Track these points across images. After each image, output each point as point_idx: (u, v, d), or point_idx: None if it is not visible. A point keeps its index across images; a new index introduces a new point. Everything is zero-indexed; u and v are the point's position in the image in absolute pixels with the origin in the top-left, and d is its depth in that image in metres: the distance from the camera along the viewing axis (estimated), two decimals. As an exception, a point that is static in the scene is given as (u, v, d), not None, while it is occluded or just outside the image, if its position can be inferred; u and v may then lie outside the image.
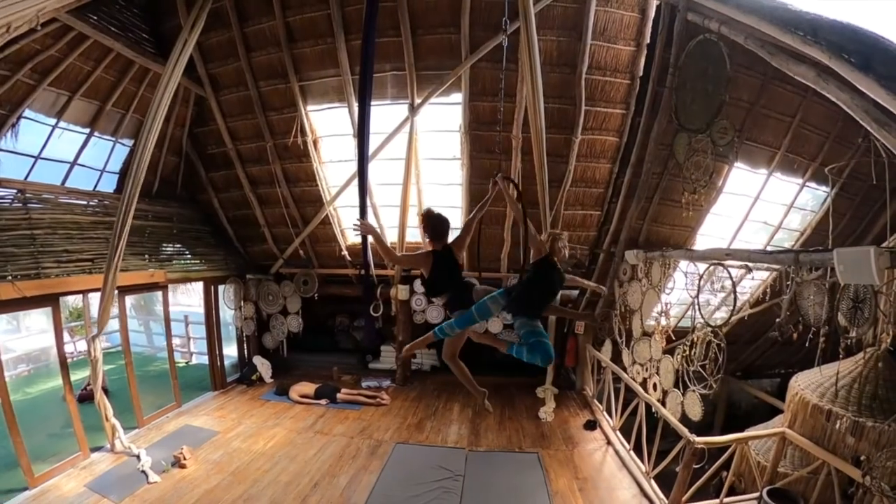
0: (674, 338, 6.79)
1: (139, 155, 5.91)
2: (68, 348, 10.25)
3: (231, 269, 9.87)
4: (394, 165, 7.83)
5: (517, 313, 3.94)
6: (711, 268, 5.68)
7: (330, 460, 6.60)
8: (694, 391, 5.77)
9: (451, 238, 4.15)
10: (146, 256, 8.07)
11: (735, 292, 5.28)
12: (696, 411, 5.76)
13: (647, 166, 6.99)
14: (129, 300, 12.16)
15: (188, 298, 12.31)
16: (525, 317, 3.91)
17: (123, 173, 7.87)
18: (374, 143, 6.95)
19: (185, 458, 6.36)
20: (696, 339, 5.87)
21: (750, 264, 5.15)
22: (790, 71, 4.06)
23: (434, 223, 4.04)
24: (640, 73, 6.72)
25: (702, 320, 5.71)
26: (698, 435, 5.17)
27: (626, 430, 7.07)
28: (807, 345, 4.43)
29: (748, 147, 7.09)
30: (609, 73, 6.77)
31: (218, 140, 8.51)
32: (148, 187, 8.44)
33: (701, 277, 5.76)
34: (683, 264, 6.47)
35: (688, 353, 5.93)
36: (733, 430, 7.46)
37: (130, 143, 7.75)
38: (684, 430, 5.28)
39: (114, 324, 7.55)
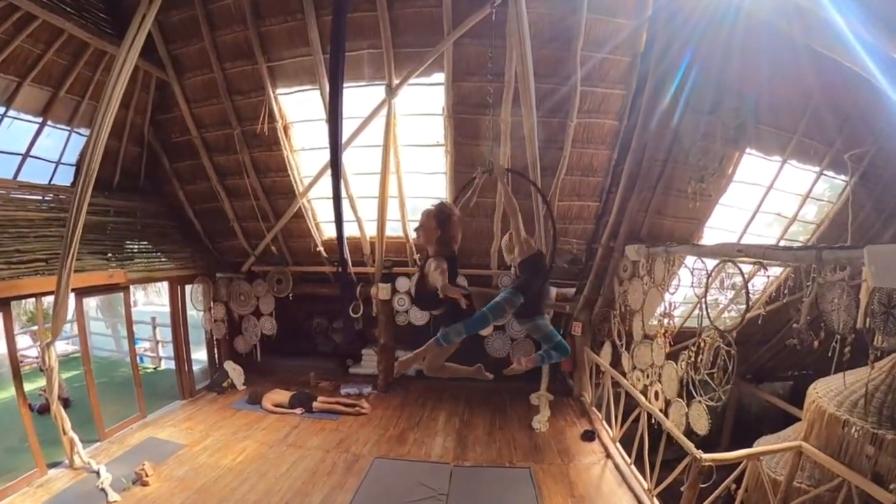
0: (673, 343, 6.67)
1: (94, 144, 5.70)
2: (31, 353, 10.20)
3: (199, 267, 9.71)
4: (371, 153, 7.72)
5: (526, 314, 3.92)
6: (721, 265, 5.46)
7: (303, 477, 6.41)
8: (700, 402, 5.54)
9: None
10: (107, 255, 7.89)
11: (748, 293, 4.99)
12: (702, 424, 5.52)
13: (650, 152, 6.84)
14: (95, 301, 11.99)
15: (161, 298, 12.24)
16: (532, 318, 3.92)
17: (79, 165, 7.67)
18: (348, 128, 6.93)
19: (146, 475, 6.17)
20: (702, 343, 5.66)
21: (765, 261, 4.89)
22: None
23: (451, 223, 3.73)
24: (642, 49, 6.50)
25: (710, 324, 5.51)
26: (705, 442, 5.03)
27: (627, 441, 6.89)
28: (831, 355, 4.15)
29: (761, 131, 6.91)
30: (607, 50, 6.55)
31: (182, 127, 8.39)
32: (108, 180, 8.34)
33: (709, 276, 5.54)
34: (690, 261, 6.31)
35: (693, 359, 5.72)
36: (743, 436, 7.33)
37: (87, 132, 7.52)
38: (690, 446, 5.03)
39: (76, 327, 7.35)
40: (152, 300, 14.06)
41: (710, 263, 5.73)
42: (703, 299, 5.63)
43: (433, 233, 3.72)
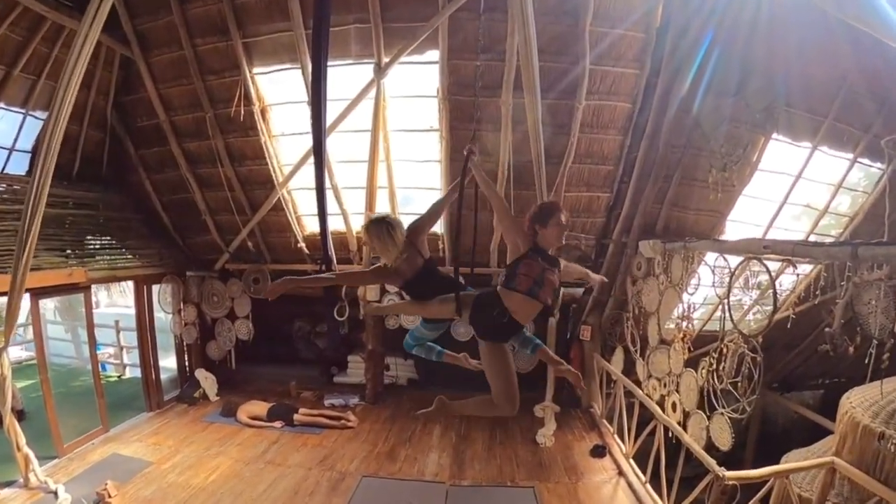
0: (693, 349, 6.65)
1: (52, 128, 5.58)
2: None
3: (168, 265, 9.65)
4: (358, 139, 7.68)
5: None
6: (746, 262, 5.44)
7: (282, 497, 6.39)
8: (723, 414, 5.52)
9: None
10: (65, 252, 7.84)
11: (776, 293, 4.96)
12: (724, 439, 5.51)
13: (666, 138, 6.83)
14: (52, 303, 11.89)
15: (125, 299, 12.16)
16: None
17: (36, 151, 7.49)
18: (333, 111, 6.76)
19: (109, 496, 6.11)
20: (725, 349, 5.65)
21: (795, 259, 4.84)
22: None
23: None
24: (658, 24, 6.50)
25: (733, 327, 5.51)
26: (727, 457, 5.02)
27: (641, 457, 6.88)
28: (867, 362, 4.12)
29: (789, 114, 6.89)
30: (620, 25, 6.54)
31: (149, 110, 8.33)
32: (67, 168, 8.30)
33: (733, 274, 5.51)
34: (710, 257, 6.29)
35: (715, 366, 5.71)
36: (768, 450, 7.31)
37: (44, 115, 7.51)
38: (711, 462, 5.00)
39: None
40: (116, 301, 13.96)
41: (733, 261, 5.69)
42: (727, 300, 5.60)
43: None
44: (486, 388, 3.66)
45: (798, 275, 5.82)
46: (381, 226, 3.68)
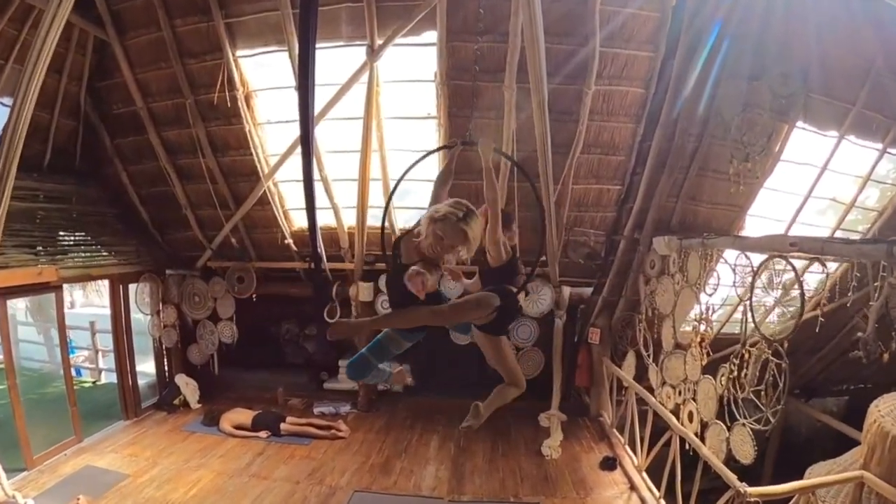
0: (711, 353, 6.62)
1: (18, 116, 5.49)
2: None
3: (146, 262, 9.64)
4: (350, 127, 7.67)
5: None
6: (769, 261, 5.39)
7: None
8: (744, 425, 5.47)
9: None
10: (35, 249, 7.84)
11: (803, 294, 4.89)
12: (746, 452, 5.45)
13: (683, 126, 6.77)
14: (24, 303, 11.83)
15: (103, 299, 12.10)
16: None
17: (1, 141, 7.54)
18: (322, 97, 6.76)
19: None
20: (746, 354, 5.59)
21: (823, 257, 4.83)
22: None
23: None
24: (674, 3, 6.42)
25: (756, 331, 5.44)
26: (744, 468, 5.01)
27: (655, 469, 6.88)
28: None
29: (813, 101, 6.83)
30: (633, 4, 6.48)
31: (125, 97, 8.26)
32: (37, 160, 8.27)
33: (756, 274, 5.44)
34: (730, 255, 6.27)
35: (736, 373, 5.66)
36: (789, 462, 7.24)
37: (11, 102, 7.32)
38: (732, 478, 4.96)
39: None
40: (92, 301, 13.99)
41: (756, 259, 5.65)
42: (749, 302, 5.55)
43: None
44: (482, 389, 4.00)
45: (827, 274, 5.74)
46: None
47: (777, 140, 7.01)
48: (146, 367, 10.08)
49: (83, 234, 8.85)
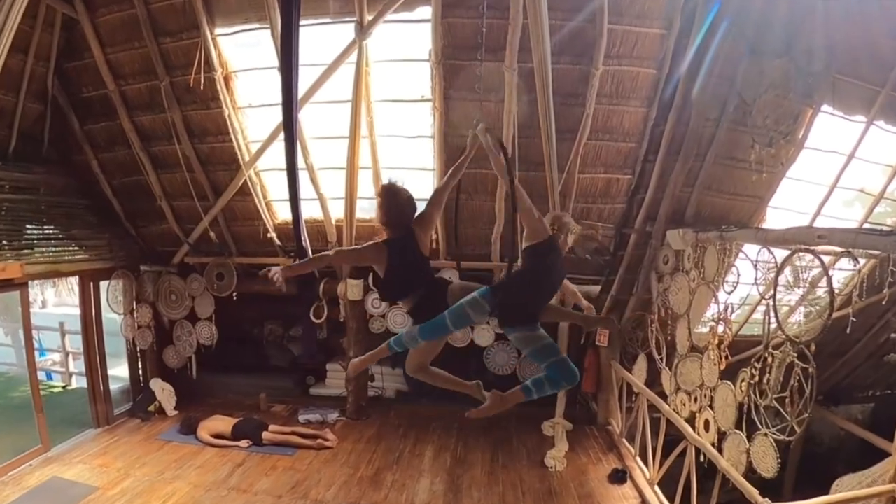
0: (730, 356, 6.55)
1: None
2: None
3: (119, 258, 9.70)
4: (337, 111, 7.62)
5: (509, 322, 3.97)
6: (794, 256, 5.31)
7: None
8: (766, 435, 5.37)
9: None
10: (0, 243, 7.86)
11: (832, 292, 4.78)
12: (768, 464, 5.34)
13: (698, 109, 6.73)
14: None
15: (75, 297, 12.02)
16: (522, 327, 3.93)
17: None
18: (307, 79, 6.81)
19: None
20: (768, 357, 5.51)
21: (855, 251, 4.77)
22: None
23: (398, 203, 4.06)
24: None
25: (779, 331, 5.41)
26: (765, 479, 5.07)
27: (668, 482, 6.87)
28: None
29: (839, 83, 6.73)
30: None
31: (95, 79, 8.24)
32: (2, 146, 8.26)
33: (780, 269, 5.36)
34: (751, 250, 6.22)
35: (757, 378, 5.58)
36: (811, 474, 7.16)
37: None
38: (753, 492, 4.92)
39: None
40: (65, 300, 13.91)
41: (779, 254, 5.59)
42: (772, 300, 5.48)
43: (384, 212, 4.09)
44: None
45: (859, 270, 5.65)
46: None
47: (801, 125, 6.96)
48: (119, 371, 10.11)
49: (51, 227, 8.88)
